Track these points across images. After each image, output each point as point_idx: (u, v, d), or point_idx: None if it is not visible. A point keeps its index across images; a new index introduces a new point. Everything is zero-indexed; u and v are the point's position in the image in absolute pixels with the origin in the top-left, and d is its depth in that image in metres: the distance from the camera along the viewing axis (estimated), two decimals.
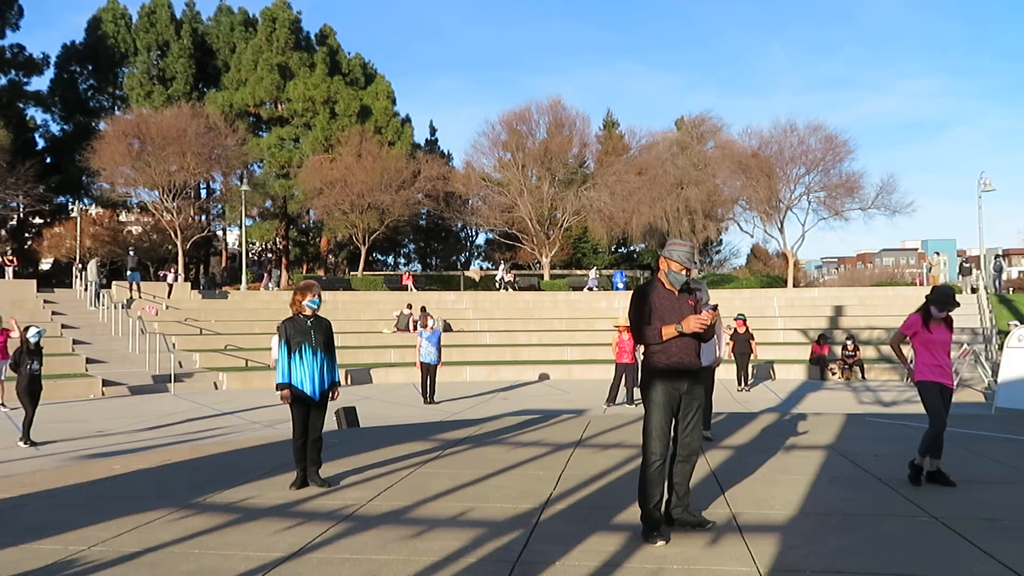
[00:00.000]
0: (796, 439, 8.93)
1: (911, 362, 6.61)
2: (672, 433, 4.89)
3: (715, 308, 4.93)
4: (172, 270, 30.29)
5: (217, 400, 16.86)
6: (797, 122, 35.05)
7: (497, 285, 33.72)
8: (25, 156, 37.34)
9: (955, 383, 6.55)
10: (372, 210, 37.52)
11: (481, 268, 48.59)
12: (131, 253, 29.72)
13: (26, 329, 11.52)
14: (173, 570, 4.39)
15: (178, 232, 33.56)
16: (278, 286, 30.02)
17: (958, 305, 6.44)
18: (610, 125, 52.68)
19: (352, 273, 39.91)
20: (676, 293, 4.97)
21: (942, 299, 6.36)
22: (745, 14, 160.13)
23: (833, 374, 20.75)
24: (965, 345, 17.99)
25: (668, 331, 4.81)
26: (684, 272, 4.94)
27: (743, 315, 19.18)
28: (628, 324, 5.17)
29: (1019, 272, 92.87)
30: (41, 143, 44.66)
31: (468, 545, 4.77)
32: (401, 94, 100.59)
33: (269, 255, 51.99)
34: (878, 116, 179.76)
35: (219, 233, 50.01)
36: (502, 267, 36.37)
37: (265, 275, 37.31)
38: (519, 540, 4.88)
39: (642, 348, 5.06)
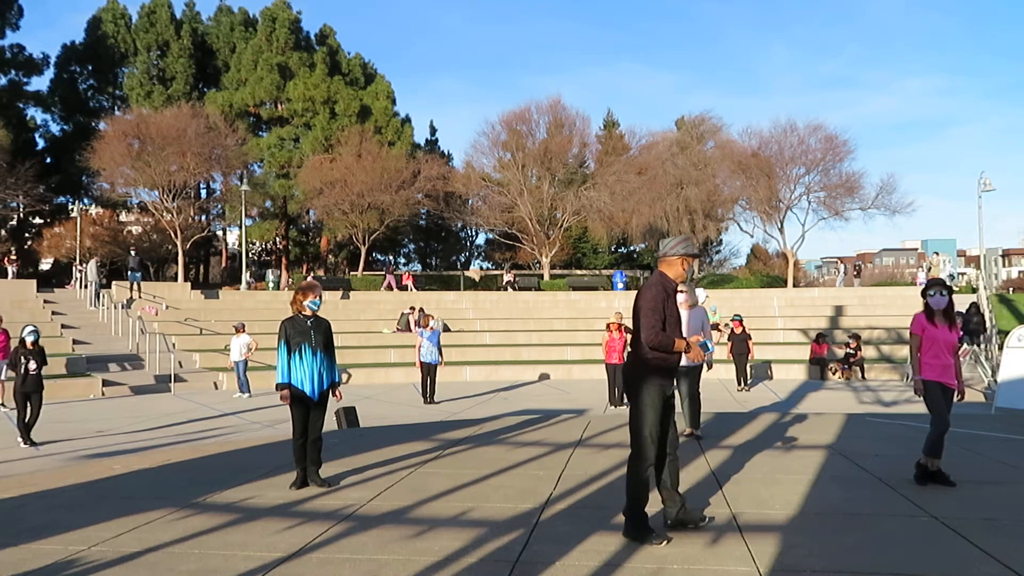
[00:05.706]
0: (796, 439, 8.93)
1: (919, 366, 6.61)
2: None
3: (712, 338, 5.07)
4: (311, 275, 30.46)
5: (217, 400, 16.88)
6: (797, 122, 34.98)
7: (506, 288, 33.48)
8: (25, 156, 37.30)
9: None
10: (372, 210, 37.47)
11: (481, 268, 48.46)
12: (132, 253, 29.76)
13: (23, 329, 11.55)
14: (173, 570, 4.39)
15: (178, 232, 33.53)
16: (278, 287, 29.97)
17: (949, 289, 6.46)
18: (610, 125, 52.61)
19: (352, 273, 39.88)
20: (674, 296, 5.04)
21: (928, 282, 6.61)
22: (745, 14, 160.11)
23: (833, 374, 20.75)
24: (965, 345, 17.99)
25: (679, 345, 4.88)
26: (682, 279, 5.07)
27: (740, 316, 19.25)
28: (623, 321, 5.20)
29: (1019, 272, 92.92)
30: (41, 143, 44.62)
31: (468, 545, 4.77)
32: (401, 94, 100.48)
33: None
34: (878, 116, 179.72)
35: (219, 233, 49.96)
36: (507, 274, 35.74)
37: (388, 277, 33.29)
38: (519, 540, 4.89)
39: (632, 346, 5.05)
